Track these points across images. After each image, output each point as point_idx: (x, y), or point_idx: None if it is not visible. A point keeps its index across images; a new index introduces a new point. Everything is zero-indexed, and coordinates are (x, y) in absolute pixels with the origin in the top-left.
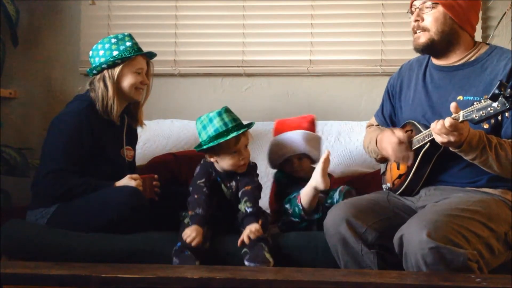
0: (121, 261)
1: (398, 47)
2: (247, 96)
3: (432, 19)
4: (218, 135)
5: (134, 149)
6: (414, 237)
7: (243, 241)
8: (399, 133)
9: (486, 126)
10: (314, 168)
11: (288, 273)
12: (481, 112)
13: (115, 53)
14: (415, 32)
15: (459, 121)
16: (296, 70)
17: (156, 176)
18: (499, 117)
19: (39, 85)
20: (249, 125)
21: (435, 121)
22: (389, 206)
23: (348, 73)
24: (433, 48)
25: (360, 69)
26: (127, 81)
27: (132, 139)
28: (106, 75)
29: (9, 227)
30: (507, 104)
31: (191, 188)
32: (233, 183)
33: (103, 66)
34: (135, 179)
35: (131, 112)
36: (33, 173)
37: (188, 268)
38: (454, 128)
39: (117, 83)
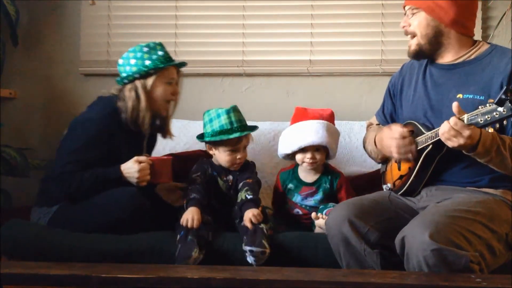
0: (122, 261)
1: (398, 47)
2: (247, 96)
3: (416, 24)
4: (222, 132)
5: (150, 154)
6: (416, 238)
7: (245, 226)
8: (398, 128)
9: (490, 130)
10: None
11: (288, 273)
12: (486, 116)
13: (147, 62)
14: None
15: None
16: (296, 70)
17: (170, 157)
18: (504, 121)
19: (39, 85)
20: (253, 128)
21: (444, 123)
22: (391, 206)
23: (348, 73)
24: (422, 53)
25: (360, 69)
26: (159, 92)
27: (151, 146)
28: (139, 85)
29: (9, 227)
30: None
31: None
32: (230, 177)
33: (135, 75)
34: (140, 162)
35: (155, 123)
36: (33, 173)
37: (188, 268)
38: (461, 126)
39: (149, 94)
